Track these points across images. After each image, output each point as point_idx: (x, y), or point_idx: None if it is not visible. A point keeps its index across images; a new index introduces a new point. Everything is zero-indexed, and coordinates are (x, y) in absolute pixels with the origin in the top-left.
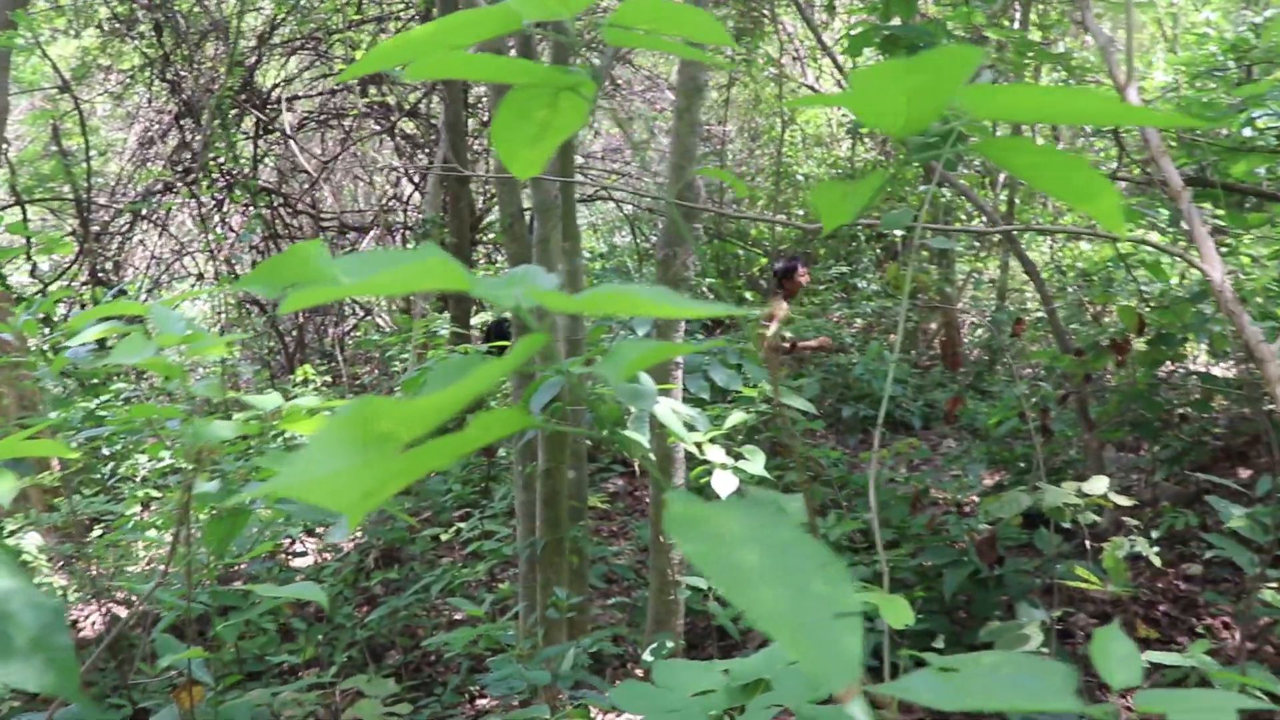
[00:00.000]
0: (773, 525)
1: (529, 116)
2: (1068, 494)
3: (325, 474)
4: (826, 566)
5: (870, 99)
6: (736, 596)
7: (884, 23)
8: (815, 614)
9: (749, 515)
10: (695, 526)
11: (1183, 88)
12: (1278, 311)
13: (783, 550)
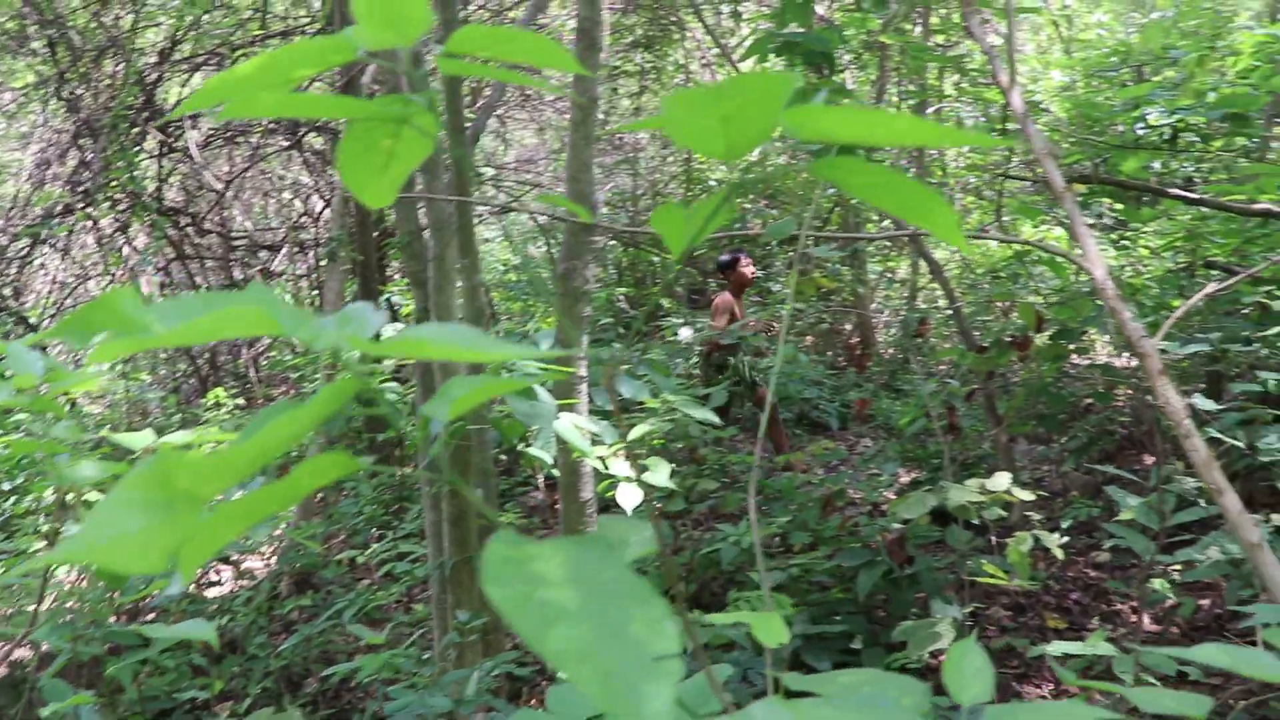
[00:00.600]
0: (599, 564)
1: (374, 146)
2: (971, 492)
3: (115, 537)
4: (648, 607)
5: (685, 125)
6: (537, 641)
7: (780, 30)
8: (628, 659)
9: (575, 554)
10: (514, 568)
11: (1079, 87)
12: (1173, 303)
13: (603, 591)
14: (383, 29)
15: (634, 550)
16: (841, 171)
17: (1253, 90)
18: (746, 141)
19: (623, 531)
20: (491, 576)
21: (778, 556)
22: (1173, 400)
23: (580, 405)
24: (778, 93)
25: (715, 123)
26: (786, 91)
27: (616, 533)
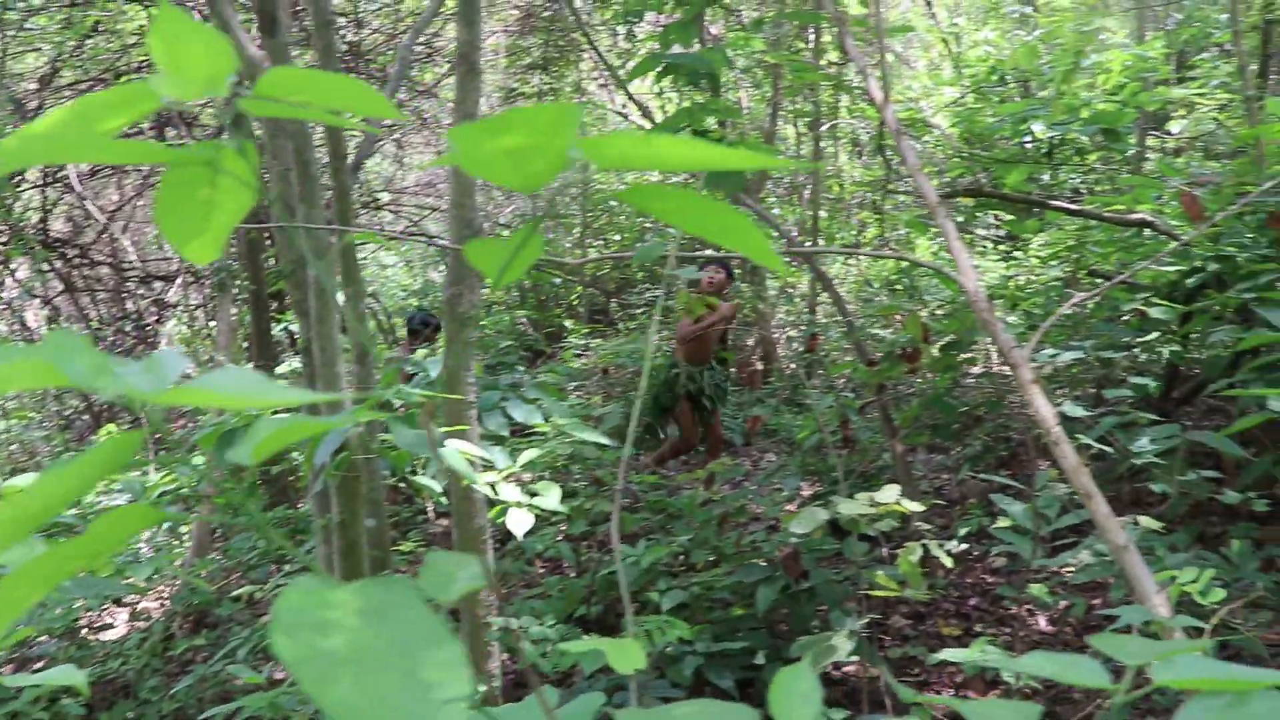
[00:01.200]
0: (397, 607)
1: (191, 197)
2: (861, 505)
3: None
4: (441, 650)
5: (473, 158)
6: (318, 694)
7: (665, 51)
8: (413, 705)
9: (374, 597)
10: (304, 617)
11: (968, 103)
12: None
13: (398, 635)
14: (185, 77)
15: (461, 586)
16: (647, 197)
17: (1122, 106)
18: (542, 172)
19: (451, 567)
20: (278, 627)
21: (681, 575)
22: (1043, 408)
23: (471, 431)
24: (566, 124)
25: (500, 154)
26: (574, 122)
27: (444, 568)
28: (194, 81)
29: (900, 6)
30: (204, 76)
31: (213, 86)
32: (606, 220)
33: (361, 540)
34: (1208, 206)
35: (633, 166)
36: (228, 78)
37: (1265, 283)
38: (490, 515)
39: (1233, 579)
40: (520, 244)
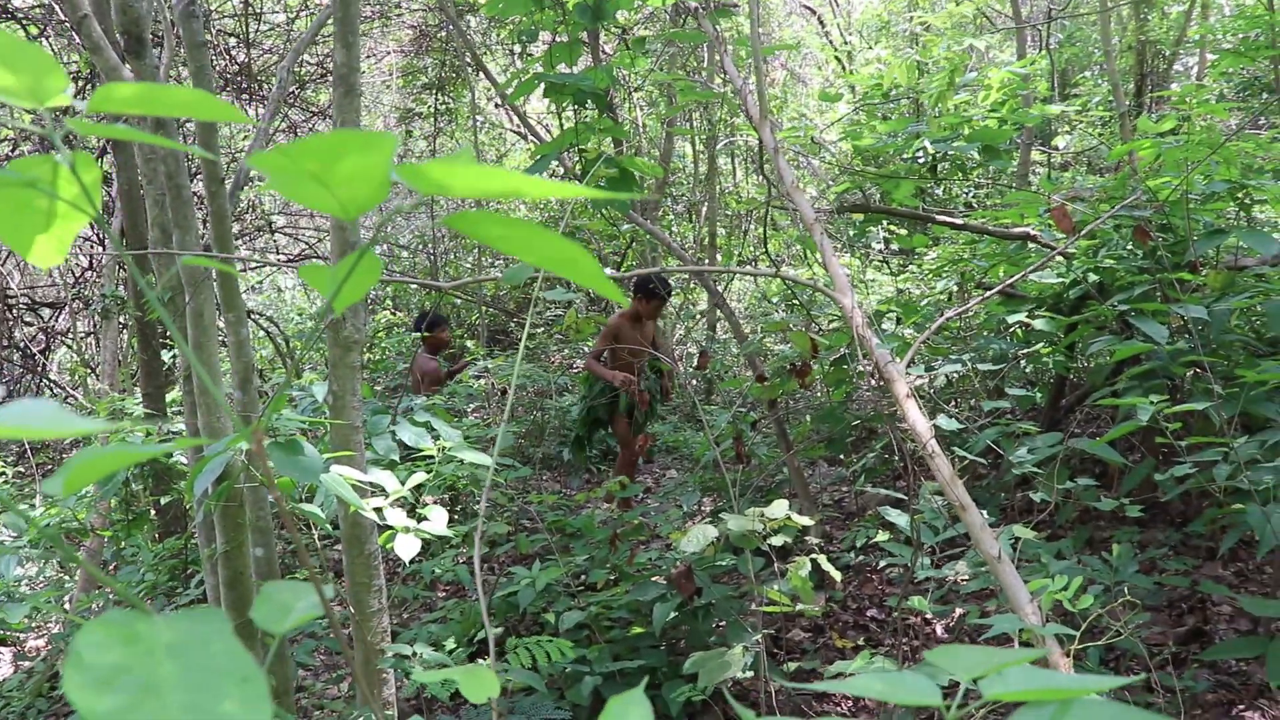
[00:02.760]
0: (206, 640)
1: (28, 206)
2: (751, 521)
3: None
4: (246, 684)
5: (286, 183)
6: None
7: (549, 70)
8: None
9: (183, 630)
10: (102, 654)
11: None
12: (953, 324)
13: (202, 669)
14: (13, 88)
15: (296, 617)
16: (476, 224)
17: (1002, 123)
18: (361, 198)
19: (287, 597)
20: (71, 666)
21: (581, 595)
22: (918, 422)
23: (357, 456)
24: (381, 151)
25: (310, 182)
26: (389, 149)
27: (280, 599)
28: (19, 95)
29: (795, 26)
30: (30, 90)
31: (37, 97)
32: None
33: (248, 570)
34: (1082, 219)
35: (453, 194)
36: (56, 95)
37: (1140, 294)
38: (379, 541)
39: (1114, 582)
40: (351, 268)
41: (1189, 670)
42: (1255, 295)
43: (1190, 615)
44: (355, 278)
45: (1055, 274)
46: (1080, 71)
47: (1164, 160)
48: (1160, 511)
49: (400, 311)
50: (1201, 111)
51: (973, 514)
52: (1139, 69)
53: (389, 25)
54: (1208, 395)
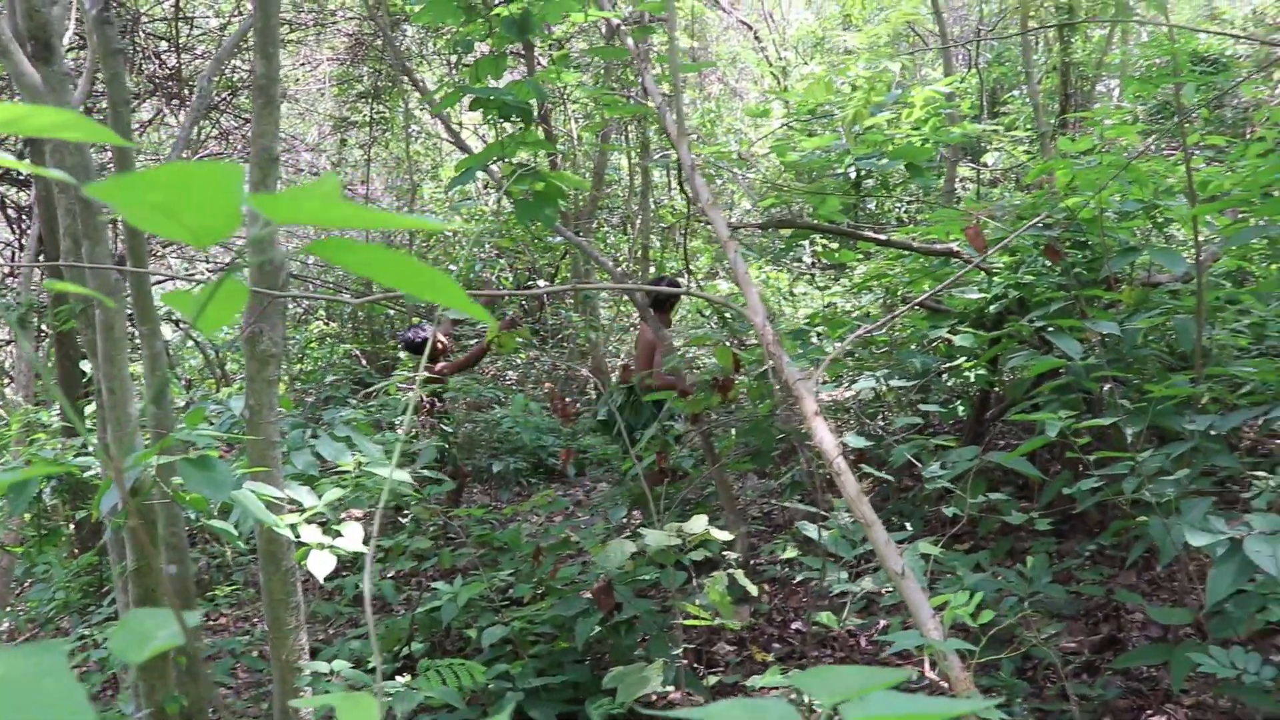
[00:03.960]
0: (40, 673)
1: None
2: (669, 536)
3: None
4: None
5: (132, 211)
6: None
7: (474, 84)
8: None
9: (15, 664)
10: None
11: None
12: (880, 339)
13: (29, 702)
14: None
15: (156, 645)
16: (337, 251)
17: (925, 141)
18: (212, 227)
19: (148, 625)
20: None
21: (506, 610)
22: (825, 440)
23: (274, 472)
24: (229, 183)
25: (155, 212)
26: (236, 181)
27: (140, 627)
28: None
29: (732, 40)
30: None
31: None
32: (441, 251)
33: (158, 589)
34: (995, 238)
35: (301, 223)
36: None
37: (1056, 310)
38: (295, 558)
39: (1029, 594)
40: (212, 293)
41: (1102, 678)
42: (1165, 312)
43: (1105, 624)
44: (218, 304)
45: (977, 290)
46: (1009, 90)
47: (1078, 180)
48: (1079, 522)
49: (334, 322)
50: (1114, 134)
51: (877, 531)
52: (1063, 89)
53: (324, 33)
54: (1120, 410)
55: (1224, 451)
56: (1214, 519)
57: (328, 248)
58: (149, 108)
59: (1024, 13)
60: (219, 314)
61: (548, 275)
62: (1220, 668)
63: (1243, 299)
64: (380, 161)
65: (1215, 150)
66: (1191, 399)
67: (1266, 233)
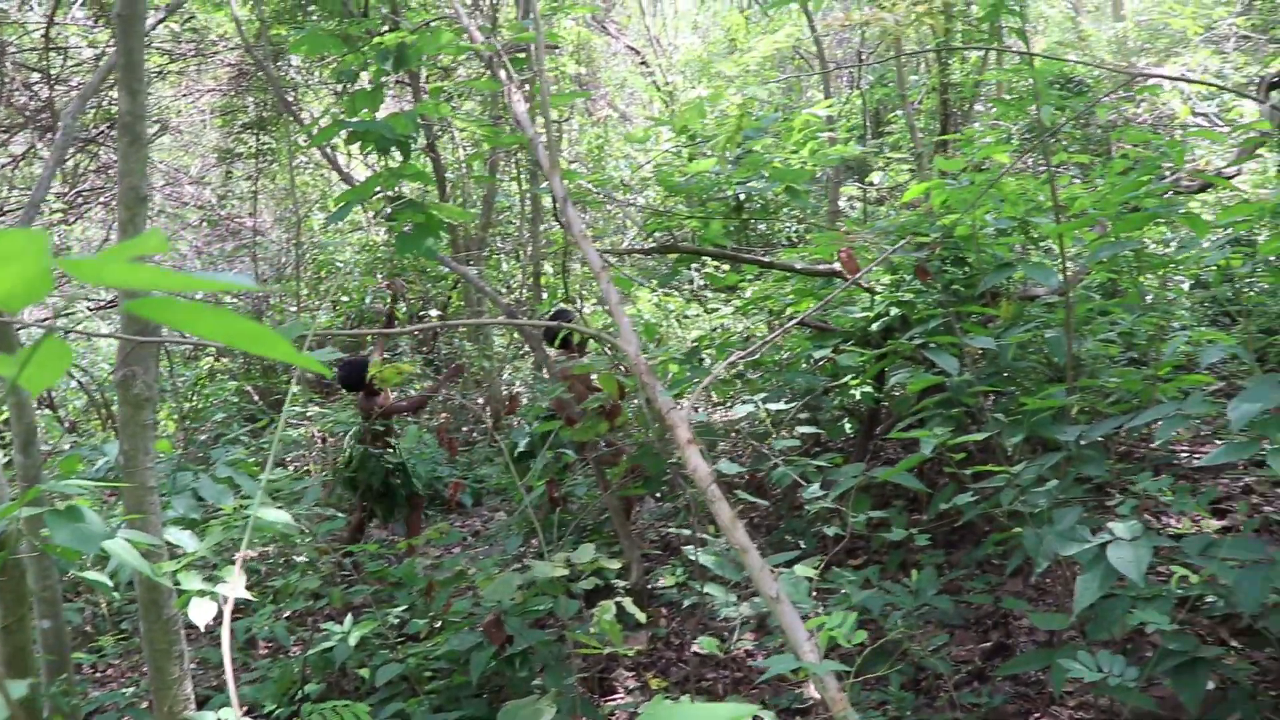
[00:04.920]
0: None
1: None
2: (557, 567)
3: None
4: None
5: None
6: None
7: (352, 116)
8: None
9: None
10: None
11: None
12: (766, 360)
13: None
14: None
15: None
16: (159, 309)
17: (803, 164)
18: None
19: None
20: None
21: (402, 646)
22: (699, 468)
23: (152, 518)
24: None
25: None
26: (40, 247)
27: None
28: None
29: (620, 65)
30: None
31: None
32: (332, 284)
33: (29, 646)
34: (863, 261)
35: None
36: None
37: (934, 327)
38: (175, 605)
39: (916, 607)
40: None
41: (991, 684)
42: (1038, 326)
43: (995, 630)
44: (38, 365)
45: (860, 309)
46: (892, 110)
47: (950, 200)
48: (968, 532)
49: (225, 358)
50: (985, 154)
51: (752, 557)
52: (943, 109)
53: (206, 63)
54: (996, 424)
55: (1095, 460)
56: (1081, 528)
57: (150, 307)
58: (21, 141)
59: (895, 39)
60: (44, 374)
61: (439, 305)
62: (1088, 672)
63: (1112, 310)
64: (268, 193)
65: (1081, 168)
66: (1065, 409)
67: (1122, 249)
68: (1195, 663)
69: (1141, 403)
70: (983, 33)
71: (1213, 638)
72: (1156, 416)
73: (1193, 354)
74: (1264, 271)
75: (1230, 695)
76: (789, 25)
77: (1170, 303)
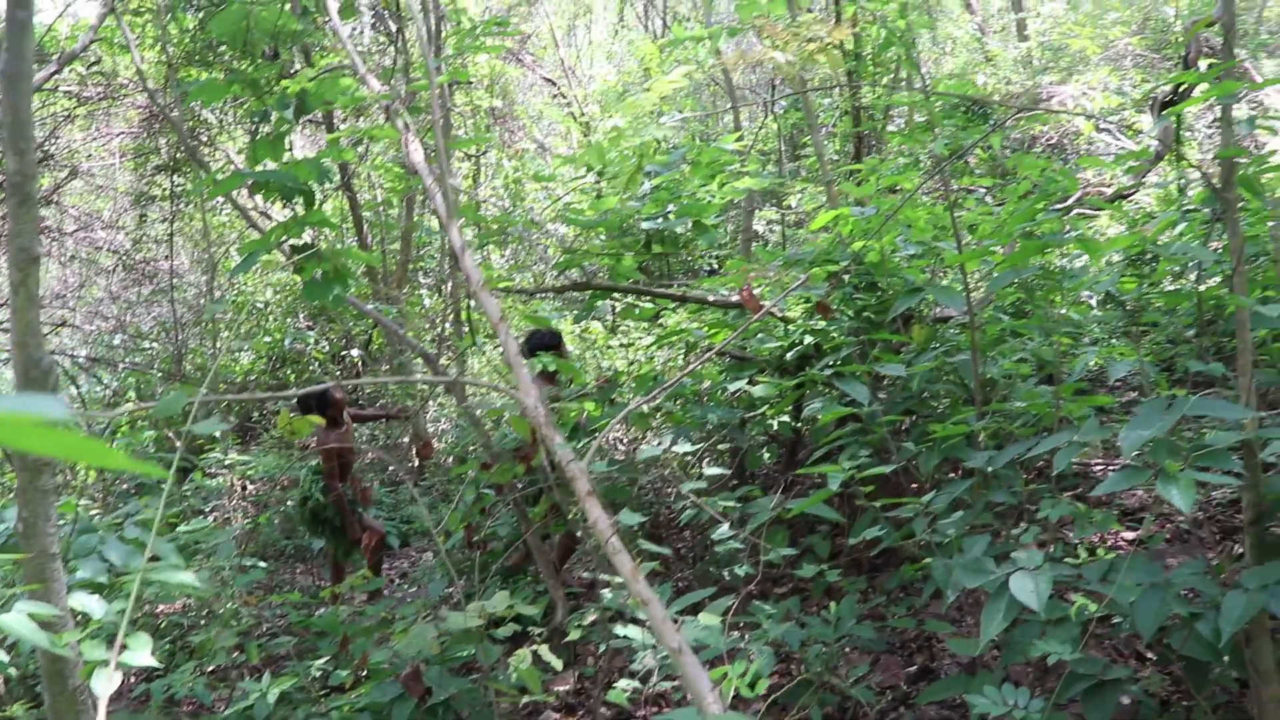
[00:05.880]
0: None
1: None
2: (471, 617)
3: None
4: None
5: None
6: None
7: (253, 165)
8: None
9: None
10: None
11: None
12: (690, 389)
13: None
14: None
15: None
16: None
17: (710, 199)
18: None
19: None
20: None
21: (326, 698)
22: (599, 520)
23: (54, 586)
24: None
25: None
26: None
27: None
28: None
29: (539, 96)
30: None
31: None
32: (254, 324)
33: None
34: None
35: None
36: None
37: (846, 355)
38: (80, 675)
39: (837, 638)
40: None
41: (915, 710)
42: (945, 352)
43: (919, 654)
44: None
45: (775, 338)
46: (807, 134)
47: (854, 229)
48: (892, 556)
49: (144, 403)
50: (889, 183)
51: (654, 608)
52: (855, 136)
53: (117, 104)
54: (906, 453)
55: (1004, 486)
56: (987, 559)
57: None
58: None
59: (792, 72)
60: None
61: (361, 344)
62: (993, 706)
63: (1022, 331)
64: (185, 235)
65: (985, 190)
66: (976, 433)
67: (1020, 275)
68: (1103, 684)
69: (1047, 424)
70: (888, 65)
71: (1128, 650)
72: (1053, 445)
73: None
74: (1157, 295)
75: (1142, 710)
76: (699, 56)
77: (1080, 321)
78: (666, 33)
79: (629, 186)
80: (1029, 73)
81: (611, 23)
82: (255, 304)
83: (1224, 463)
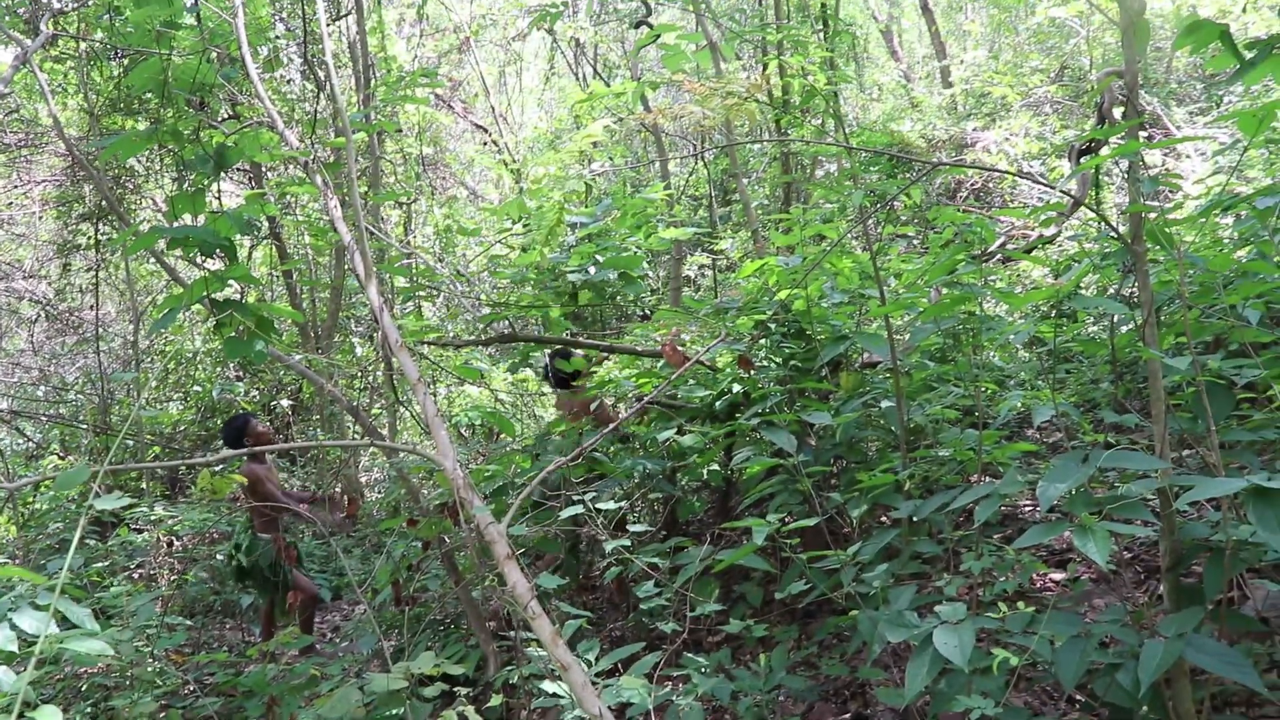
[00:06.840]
0: None
1: None
2: (397, 679)
3: None
4: None
5: None
6: None
7: (173, 221)
8: None
9: None
10: None
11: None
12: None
13: None
14: None
15: None
16: None
17: (636, 250)
18: None
19: None
20: None
21: None
22: (519, 585)
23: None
24: None
25: None
26: None
27: None
28: None
29: (470, 142)
30: None
31: None
32: (183, 373)
33: None
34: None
35: None
36: None
37: (773, 405)
38: None
39: (769, 688)
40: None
41: None
42: (872, 399)
43: (853, 701)
44: None
45: (704, 387)
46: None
47: (779, 279)
48: (825, 603)
49: (70, 455)
50: (812, 232)
51: (573, 674)
52: (785, 184)
53: (40, 152)
54: (830, 504)
55: (927, 538)
56: (910, 613)
57: None
58: None
59: (715, 124)
60: None
61: (291, 394)
62: None
63: (947, 377)
64: (111, 284)
65: (911, 237)
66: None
67: (939, 328)
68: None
69: (972, 470)
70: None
71: (1058, 693)
72: (973, 499)
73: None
74: (1075, 343)
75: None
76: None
77: (1003, 366)
78: (598, 78)
79: (549, 239)
80: (954, 119)
81: (542, 70)
82: (184, 354)
83: (1138, 513)
